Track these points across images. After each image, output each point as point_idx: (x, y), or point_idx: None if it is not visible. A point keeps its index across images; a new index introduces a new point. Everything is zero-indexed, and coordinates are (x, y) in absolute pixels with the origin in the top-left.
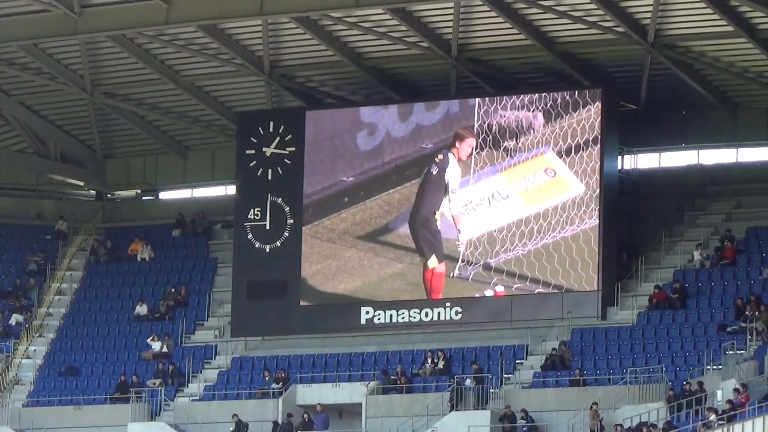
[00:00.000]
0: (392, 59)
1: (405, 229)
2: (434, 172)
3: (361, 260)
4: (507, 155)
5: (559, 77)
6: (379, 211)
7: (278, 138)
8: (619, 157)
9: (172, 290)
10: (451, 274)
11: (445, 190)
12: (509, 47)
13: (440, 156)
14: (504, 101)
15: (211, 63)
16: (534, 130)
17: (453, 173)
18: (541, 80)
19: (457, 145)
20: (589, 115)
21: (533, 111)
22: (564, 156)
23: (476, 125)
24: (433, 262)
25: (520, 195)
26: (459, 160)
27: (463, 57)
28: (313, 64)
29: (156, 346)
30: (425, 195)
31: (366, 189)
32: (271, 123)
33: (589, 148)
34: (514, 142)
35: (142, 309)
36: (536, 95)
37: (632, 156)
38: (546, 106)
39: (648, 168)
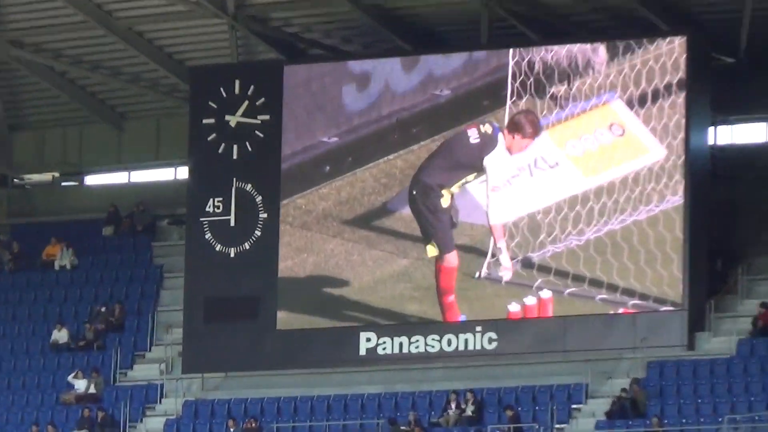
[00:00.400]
0: None
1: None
2: (472, 140)
3: (348, 254)
4: (555, 105)
5: (629, 20)
6: (375, 184)
7: (247, 102)
8: (711, 128)
9: (103, 309)
10: (477, 274)
11: (477, 174)
12: None
13: (487, 127)
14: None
15: (156, 1)
16: (594, 69)
17: (495, 163)
18: (604, 25)
19: (511, 134)
20: (672, 49)
21: (592, 44)
22: (637, 106)
23: (511, 63)
24: (431, 251)
25: (575, 162)
26: (508, 149)
27: None
28: (293, 1)
29: (80, 385)
30: (438, 160)
31: (355, 153)
32: (238, 82)
33: (672, 96)
34: (566, 86)
35: (60, 335)
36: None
37: (729, 127)
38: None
39: (750, 144)
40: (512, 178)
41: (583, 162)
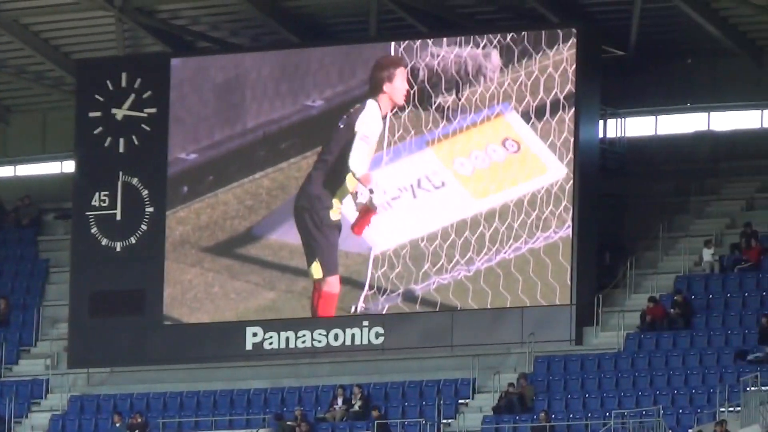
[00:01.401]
0: None
1: (280, 235)
2: (341, 125)
3: (208, 286)
4: (442, 118)
5: (519, 12)
6: (238, 207)
7: (133, 95)
8: (601, 122)
9: None
10: (354, 308)
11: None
12: None
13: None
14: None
15: None
16: (485, 77)
17: (367, 124)
18: (494, 16)
19: (384, 88)
20: (561, 60)
21: (484, 48)
22: (534, 119)
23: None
24: (316, 271)
25: (463, 182)
26: (385, 114)
27: None
28: None
29: None
30: (320, 164)
31: (216, 172)
32: (124, 75)
33: (559, 111)
34: (454, 96)
35: None
36: (487, 36)
37: (618, 120)
38: (504, 41)
39: (640, 136)
40: (393, 200)
41: (473, 182)
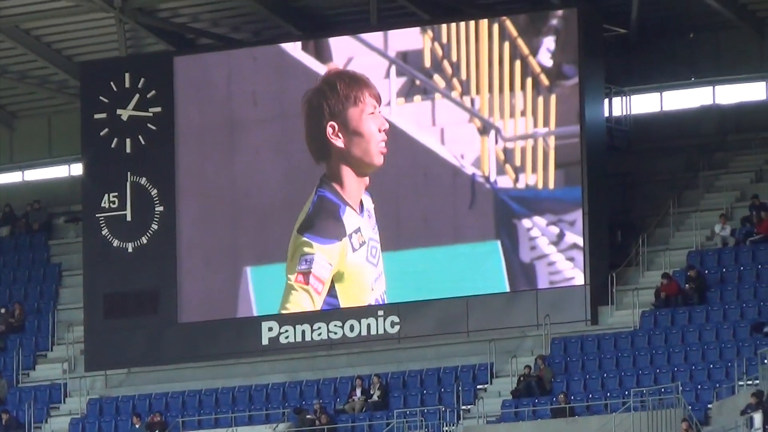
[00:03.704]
0: None
1: None
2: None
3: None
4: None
5: None
6: None
7: (138, 95)
8: (606, 101)
9: (2, 311)
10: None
11: None
12: None
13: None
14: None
15: None
16: None
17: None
18: (493, 1)
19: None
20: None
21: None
22: None
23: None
24: None
25: None
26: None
27: None
28: None
29: None
30: None
31: None
32: (128, 75)
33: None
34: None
35: None
36: (487, 20)
37: (623, 98)
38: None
39: (646, 113)
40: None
41: None
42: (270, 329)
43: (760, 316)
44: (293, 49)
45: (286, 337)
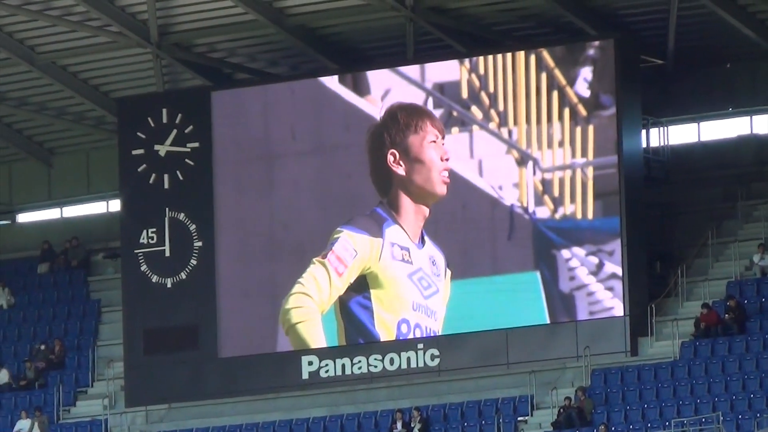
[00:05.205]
0: (325, 14)
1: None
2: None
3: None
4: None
5: (556, 27)
6: None
7: (175, 131)
8: (644, 132)
9: (42, 347)
10: None
11: None
12: None
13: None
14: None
15: (78, 33)
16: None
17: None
18: (531, 33)
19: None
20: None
21: None
22: None
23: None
24: None
25: None
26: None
27: (421, 6)
28: (217, 27)
29: (24, 426)
30: None
31: None
32: (165, 111)
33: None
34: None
35: (1, 376)
36: (523, 52)
37: (661, 128)
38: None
39: (683, 144)
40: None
41: None
42: (310, 363)
43: None
44: (331, 82)
45: (326, 371)
